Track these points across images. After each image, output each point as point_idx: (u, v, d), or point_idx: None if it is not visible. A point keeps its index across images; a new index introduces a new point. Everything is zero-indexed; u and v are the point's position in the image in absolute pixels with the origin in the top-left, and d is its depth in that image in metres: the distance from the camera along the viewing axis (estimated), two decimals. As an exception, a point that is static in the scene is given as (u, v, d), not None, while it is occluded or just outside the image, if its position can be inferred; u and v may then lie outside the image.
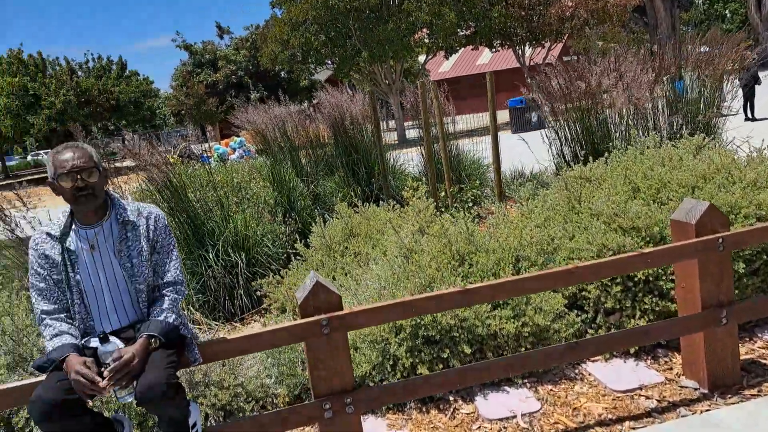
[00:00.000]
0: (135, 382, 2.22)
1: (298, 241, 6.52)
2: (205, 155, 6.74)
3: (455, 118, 8.21)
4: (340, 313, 2.69)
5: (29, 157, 52.74)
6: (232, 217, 5.78)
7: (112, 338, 2.28)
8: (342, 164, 8.17)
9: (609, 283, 3.61)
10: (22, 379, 3.03)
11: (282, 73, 32.32)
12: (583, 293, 3.70)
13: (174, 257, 2.52)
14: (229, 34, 33.03)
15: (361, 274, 4.17)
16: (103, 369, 2.16)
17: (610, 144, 5.70)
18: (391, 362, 3.31)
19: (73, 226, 2.41)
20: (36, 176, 34.31)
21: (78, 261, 2.37)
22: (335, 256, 5.01)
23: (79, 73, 31.48)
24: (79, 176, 2.30)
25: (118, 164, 5.89)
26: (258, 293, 5.23)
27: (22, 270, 4.31)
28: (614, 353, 3.55)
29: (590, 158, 4.80)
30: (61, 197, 2.35)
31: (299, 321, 2.66)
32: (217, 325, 4.90)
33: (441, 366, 3.31)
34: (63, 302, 2.38)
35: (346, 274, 4.76)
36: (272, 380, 3.51)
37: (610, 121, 6.22)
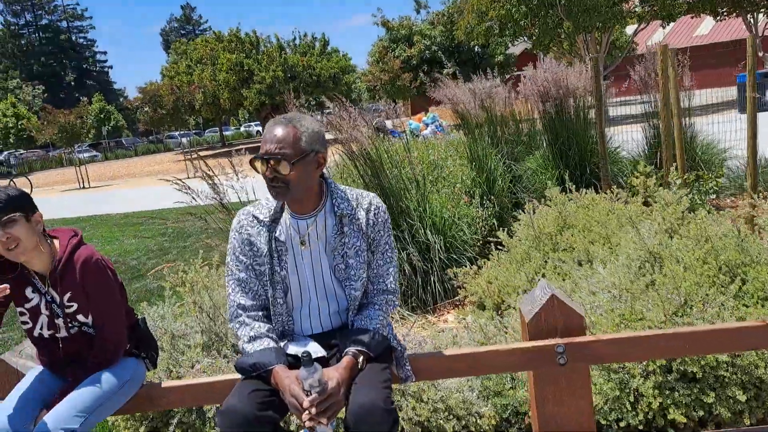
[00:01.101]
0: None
1: (496, 227, 5.92)
2: (396, 130, 6.38)
3: (691, 92, 6.93)
4: (582, 339, 2.05)
5: (242, 128, 58.46)
6: (428, 197, 5.35)
7: (314, 350, 1.92)
8: (548, 143, 7.35)
9: None
10: (215, 364, 2.85)
11: (476, 48, 31.52)
12: None
13: (392, 260, 2.08)
14: (426, 9, 32.98)
15: (583, 277, 3.45)
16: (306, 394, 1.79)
17: None
18: (631, 398, 2.59)
19: (285, 213, 2.05)
20: (248, 145, 37.80)
21: (286, 254, 2.01)
22: (545, 249, 4.33)
23: (287, 50, 33.67)
24: (270, 163, 1.91)
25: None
26: (452, 282, 4.75)
27: (224, 241, 4.27)
28: None
29: None
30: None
31: (527, 344, 2.08)
32: (410, 315, 4.51)
33: (702, 413, 2.52)
34: (262, 298, 2.04)
35: (558, 273, 4.07)
36: (475, 394, 2.99)
37: None
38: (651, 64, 6.02)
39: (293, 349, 1.99)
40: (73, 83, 77.85)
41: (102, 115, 52.90)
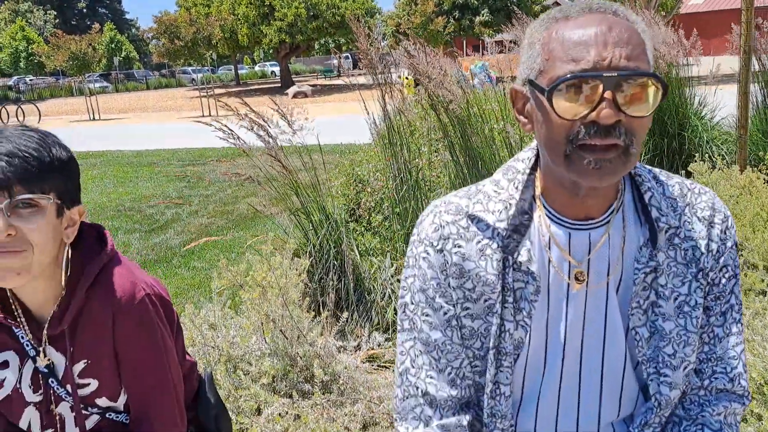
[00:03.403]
0: None
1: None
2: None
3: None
4: None
5: (256, 68, 56.71)
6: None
7: None
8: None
9: None
10: (294, 412, 1.89)
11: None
12: None
13: (741, 329, 1.02)
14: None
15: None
16: None
17: None
18: None
19: (537, 214, 0.98)
20: (263, 86, 36.34)
21: (535, 298, 0.96)
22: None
23: (311, -14, 31.85)
24: (610, 93, 0.80)
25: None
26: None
27: (286, 213, 3.25)
28: None
29: None
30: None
31: None
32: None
33: None
34: (469, 383, 1.02)
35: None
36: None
37: None
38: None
39: None
40: (85, 10, 75.58)
41: (113, 45, 51.22)
